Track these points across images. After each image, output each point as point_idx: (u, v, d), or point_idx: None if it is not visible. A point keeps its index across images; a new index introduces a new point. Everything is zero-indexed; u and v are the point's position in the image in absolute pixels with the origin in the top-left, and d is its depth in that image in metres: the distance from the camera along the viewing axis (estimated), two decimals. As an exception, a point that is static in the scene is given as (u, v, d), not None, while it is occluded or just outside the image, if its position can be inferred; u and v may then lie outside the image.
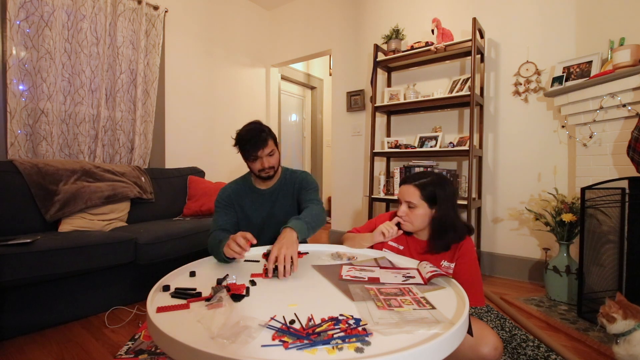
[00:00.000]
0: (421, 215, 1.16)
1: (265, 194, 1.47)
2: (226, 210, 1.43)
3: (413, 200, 1.16)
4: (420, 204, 1.16)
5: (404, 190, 1.20)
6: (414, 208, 1.16)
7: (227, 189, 1.47)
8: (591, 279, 1.78)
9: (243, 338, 0.62)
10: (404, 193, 1.19)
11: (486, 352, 0.94)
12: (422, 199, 1.16)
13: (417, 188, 1.17)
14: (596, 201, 1.76)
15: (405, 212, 1.18)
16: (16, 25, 2.11)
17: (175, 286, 0.89)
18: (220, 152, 3.52)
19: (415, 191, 1.16)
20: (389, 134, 3.07)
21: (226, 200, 1.44)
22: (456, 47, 2.46)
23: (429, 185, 1.16)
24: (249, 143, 1.33)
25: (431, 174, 1.21)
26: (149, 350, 1.45)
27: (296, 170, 1.56)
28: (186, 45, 3.18)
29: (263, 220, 1.46)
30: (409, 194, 1.17)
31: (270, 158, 1.37)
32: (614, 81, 1.80)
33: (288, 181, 1.50)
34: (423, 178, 1.19)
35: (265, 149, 1.35)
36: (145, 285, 1.99)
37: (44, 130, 2.26)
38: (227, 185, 1.50)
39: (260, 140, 1.34)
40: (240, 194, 1.46)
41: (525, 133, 2.45)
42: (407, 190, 1.18)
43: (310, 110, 4.92)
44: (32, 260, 1.51)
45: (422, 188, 1.16)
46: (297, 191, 1.48)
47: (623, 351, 1.18)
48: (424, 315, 0.72)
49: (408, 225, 1.19)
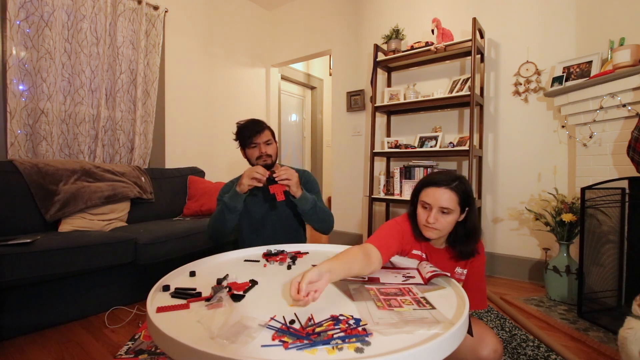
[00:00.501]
0: (452, 222, 1.02)
1: (266, 191, 1.48)
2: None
3: (450, 206, 1.00)
4: (456, 208, 1.01)
5: (438, 194, 1.01)
6: (447, 214, 1.01)
7: (229, 185, 1.52)
8: (591, 279, 1.78)
9: (243, 338, 0.62)
10: (438, 198, 1.01)
11: (485, 354, 0.93)
12: (459, 204, 1.02)
13: (454, 192, 1.01)
14: (596, 201, 1.76)
15: (437, 219, 1.01)
16: (16, 25, 2.11)
17: (175, 286, 0.89)
18: (220, 152, 3.52)
19: (453, 196, 1.01)
20: (389, 134, 3.07)
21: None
22: (456, 47, 2.46)
23: (460, 187, 1.02)
24: (246, 129, 1.42)
25: (457, 175, 1.06)
26: (149, 350, 1.45)
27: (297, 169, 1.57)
28: (186, 45, 3.18)
29: (263, 215, 1.49)
30: (444, 199, 1.00)
31: (267, 146, 1.44)
32: (614, 81, 1.80)
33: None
34: (454, 180, 1.03)
35: (262, 136, 1.43)
36: (145, 285, 1.99)
37: (44, 130, 2.26)
38: (230, 181, 1.56)
39: (258, 127, 1.43)
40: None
41: (525, 133, 2.45)
42: (442, 195, 1.01)
43: (310, 110, 4.92)
44: (32, 260, 1.51)
45: (459, 191, 1.01)
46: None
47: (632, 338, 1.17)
48: (424, 316, 0.72)
49: (436, 232, 1.03)
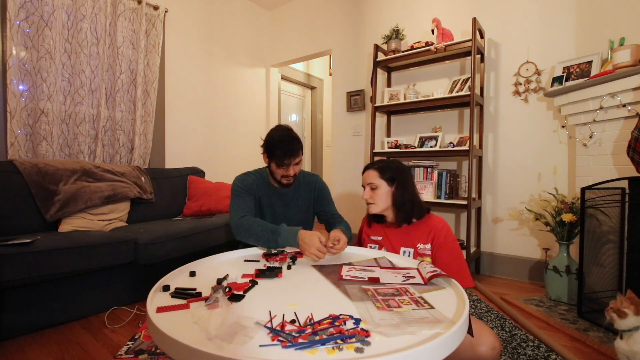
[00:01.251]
0: (383, 194, 1.26)
1: (281, 194, 1.48)
2: (248, 195, 1.41)
3: (374, 181, 1.27)
4: (380, 183, 1.26)
5: (365, 175, 1.31)
6: (375, 189, 1.27)
7: (247, 178, 1.45)
8: (591, 279, 1.78)
9: (240, 338, 0.62)
10: (365, 178, 1.30)
11: (484, 352, 0.94)
12: (381, 177, 1.27)
13: (375, 170, 1.28)
14: (596, 201, 1.76)
15: (369, 194, 1.28)
16: (16, 25, 2.11)
17: (175, 286, 0.89)
18: (221, 152, 3.52)
19: (375, 173, 1.28)
20: (389, 134, 3.07)
21: (248, 187, 1.43)
22: (456, 47, 2.46)
23: (385, 165, 1.29)
24: (281, 150, 1.33)
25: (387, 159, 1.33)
26: (149, 350, 1.45)
27: (308, 173, 1.59)
28: (186, 45, 3.18)
29: (274, 218, 1.47)
30: (369, 177, 1.28)
31: (296, 167, 1.39)
32: (614, 81, 1.80)
33: (302, 184, 1.53)
34: (379, 162, 1.31)
35: (297, 159, 1.36)
36: (145, 285, 1.99)
37: (44, 130, 2.26)
38: (245, 174, 1.48)
39: (294, 149, 1.34)
40: (259, 186, 1.47)
41: (525, 133, 2.45)
42: (368, 175, 1.29)
43: (310, 110, 4.93)
44: (32, 260, 1.51)
45: (380, 169, 1.28)
46: (314, 198, 1.55)
47: (626, 347, 1.18)
48: (423, 315, 0.72)
49: (374, 206, 1.28)
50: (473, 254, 2.44)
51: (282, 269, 1.03)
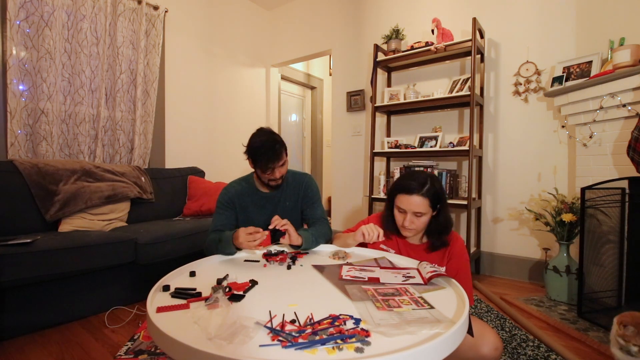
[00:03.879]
0: (426, 221, 1.16)
1: (268, 197, 1.47)
2: (226, 211, 1.43)
3: (422, 210, 1.13)
4: (428, 211, 1.14)
5: (411, 201, 1.13)
6: (420, 217, 1.14)
7: (230, 190, 1.46)
8: (591, 279, 1.78)
9: (240, 338, 0.62)
10: (411, 204, 1.13)
11: (486, 352, 0.94)
12: (430, 206, 1.14)
13: (425, 198, 1.13)
14: (596, 201, 1.76)
15: (412, 222, 1.15)
16: (16, 25, 2.11)
17: (175, 286, 0.89)
18: (220, 152, 3.52)
19: (424, 201, 1.13)
20: (389, 134, 3.07)
21: (227, 201, 1.44)
22: (456, 47, 2.46)
23: (431, 190, 1.14)
24: (263, 156, 1.32)
25: (427, 176, 1.17)
26: (148, 350, 1.45)
27: (298, 173, 1.56)
28: (186, 45, 3.18)
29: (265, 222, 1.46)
30: (417, 204, 1.13)
31: (281, 168, 1.38)
32: (614, 81, 1.80)
33: (291, 185, 1.51)
34: (424, 184, 1.14)
35: (279, 162, 1.35)
36: (145, 285, 1.99)
37: (44, 130, 2.26)
38: (230, 184, 1.50)
39: (275, 153, 1.33)
40: (243, 195, 1.46)
41: (525, 133, 2.45)
42: (415, 202, 1.13)
43: (310, 110, 4.92)
44: (32, 260, 1.51)
45: (429, 196, 1.13)
46: (301, 197, 1.51)
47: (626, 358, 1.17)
48: (423, 315, 0.72)
49: (412, 232, 1.18)
50: (473, 254, 2.44)
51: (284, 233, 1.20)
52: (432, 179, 1.16)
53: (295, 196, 1.51)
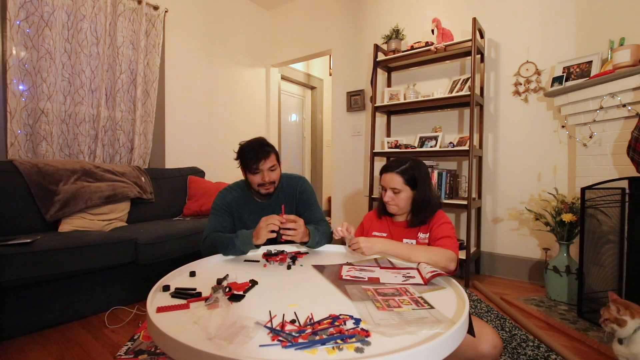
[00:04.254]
0: (405, 198, 1.28)
1: (264, 205, 1.46)
2: (224, 214, 1.42)
3: (397, 186, 1.27)
4: (404, 188, 1.27)
5: (387, 178, 1.29)
6: (398, 193, 1.27)
7: (227, 195, 1.45)
8: (591, 279, 1.78)
9: (240, 338, 0.62)
10: (387, 181, 1.29)
11: (485, 350, 0.94)
12: (405, 183, 1.27)
13: (399, 175, 1.27)
14: (596, 201, 1.76)
15: (392, 197, 1.28)
16: (16, 25, 2.11)
17: (175, 286, 0.89)
18: (220, 152, 3.52)
19: (399, 178, 1.27)
20: (389, 134, 3.07)
21: (226, 206, 1.43)
22: (456, 47, 2.46)
23: (408, 170, 1.27)
24: (251, 154, 1.32)
25: (408, 160, 1.30)
26: (148, 350, 1.45)
27: (291, 176, 1.55)
28: (186, 45, 3.18)
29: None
30: (392, 181, 1.27)
31: (271, 173, 1.36)
32: (614, 81, 1.80)
33: (286, 189, 1.50)
34: (402, 164, 1.29)
35: (267, 162, 1.33)
36: (145, 285, 1.99)
37: (44, 130, 2.26)
38: (226, 190, 1.48)
39: (263, 152, 1.33)
40: (240, 203, 1.45)
41: (525, 133, 2.45)
42: (391, 179, 1.28)
43: (310, 110, 4.92)
44: (32, 260, 1.51)
45: (404, 174, 1.27)
46: (297, 201, 1.50)
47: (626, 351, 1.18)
48: (423, 315, 0.72)
49: (394, 207, 1.29)
50: (473, 254, 2.44)
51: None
52: (414, 162, 1.30)
53: (291, 202, 1.50)
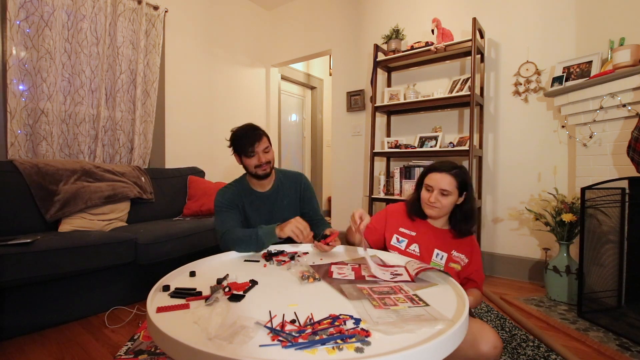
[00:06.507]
0: (451, 202, 1.20)
1: (264, 197, 1.47)
2: (231, 210, 1.42)
3: (448, 188, 1.18)
4: (454, 191, 1.19)
5: (438, 178, 1.20)
6: (446, 195, 1.19)
7: (227, 191, 1.46)
8: (591, 279, 1.78)
9: (240, 338, 0.62)
10: (438, 181, 1.20)
11: (486, 350, 0.94)
12: (456, 187, 1.19)
13: (453, 177, 1.19)
14: (596, 201, 1.76)
15: (438, 199, 1.20)
16: (16, 25, 2.11)
17: (175, 286, 0.89)
18: (220, 152, 3.52)
19: (452, 180, 1.19)
20: (389, 134, 3.07)
21: (229, 201, 1.43)
22: (456, 47, 2.46)
23: (460, 174, 1.20)
24: (244, 138, 1.38)
25: (458, 164, 1.24)
26: (148, 350, 1.45)
27: (289, 172, 1.58)
28: (186, 45, 3.18)
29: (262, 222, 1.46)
30: (444, 182, 1.19)
31: (266, 154, 1.40)
32: (614, 81, 1.80)
33: (285, 182, 1.52)
34: (454, 167, 1.21)
35: (261, 144, 1.39)
36: (145, 285, 1.98)
37: (44, 130, 2.26)
38: (225, 187, 1.49)
39: (256, 135, 1.39)
40: (241, 195, 1.46)
41: (525, 133, 2.45)
42: (443, 179, 1.19)
43: (310, 110, 4.92)
44: (32, 260, 1.51)
45: (457, 177, 1.20)
46: (300, 198, 1.54)
47: None
48: (420, 313, 0.72)
49: (437, 210, 1.21)
50: (473, 254, 2.44)
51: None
52: (463, 168, 1.24)
53: (294, 196, 1.53)
